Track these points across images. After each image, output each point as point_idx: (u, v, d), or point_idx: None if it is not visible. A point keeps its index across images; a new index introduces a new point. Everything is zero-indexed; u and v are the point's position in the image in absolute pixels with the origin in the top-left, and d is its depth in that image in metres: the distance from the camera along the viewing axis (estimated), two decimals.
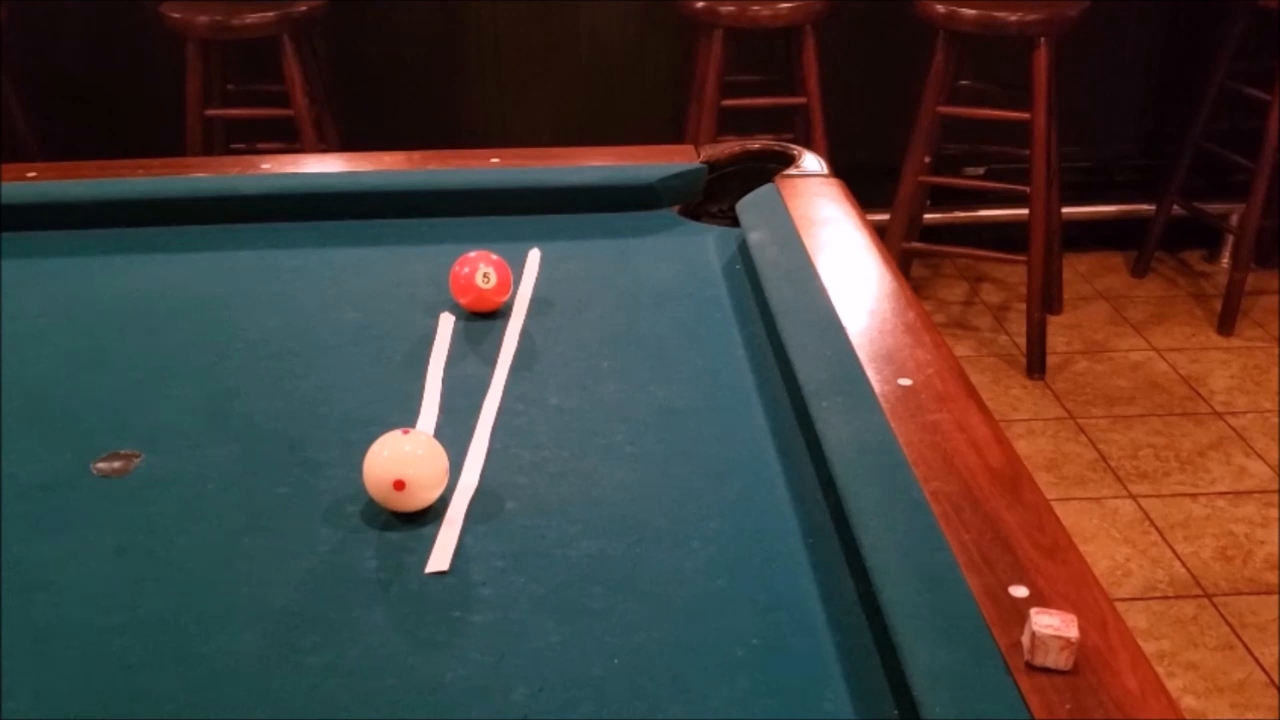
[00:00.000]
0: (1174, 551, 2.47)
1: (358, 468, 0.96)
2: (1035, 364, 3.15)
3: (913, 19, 3.06)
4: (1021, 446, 2.77)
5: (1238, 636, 2.23)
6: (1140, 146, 3.76)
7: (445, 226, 1.53)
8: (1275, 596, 2.33)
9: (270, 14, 2.97)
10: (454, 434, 1.07)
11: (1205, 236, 3.78)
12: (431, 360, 1.21)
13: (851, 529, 0.88)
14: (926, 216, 3.54)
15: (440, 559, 0.91)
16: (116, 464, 1.04)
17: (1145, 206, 3.67)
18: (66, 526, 0.96)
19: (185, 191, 1.57)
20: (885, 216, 3.19)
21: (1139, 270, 3.71)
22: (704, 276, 1.41)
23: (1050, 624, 0.74)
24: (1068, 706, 0.71)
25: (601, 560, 0.92)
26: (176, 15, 2.98)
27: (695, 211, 1.60)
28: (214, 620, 0.86)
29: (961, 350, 3.26)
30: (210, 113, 3.15)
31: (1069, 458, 2.80)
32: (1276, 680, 2.13)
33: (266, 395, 1.17)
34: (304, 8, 3.03)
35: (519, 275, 1.38)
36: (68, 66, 3.43)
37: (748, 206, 1.50)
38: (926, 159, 3.20)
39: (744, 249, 1.43)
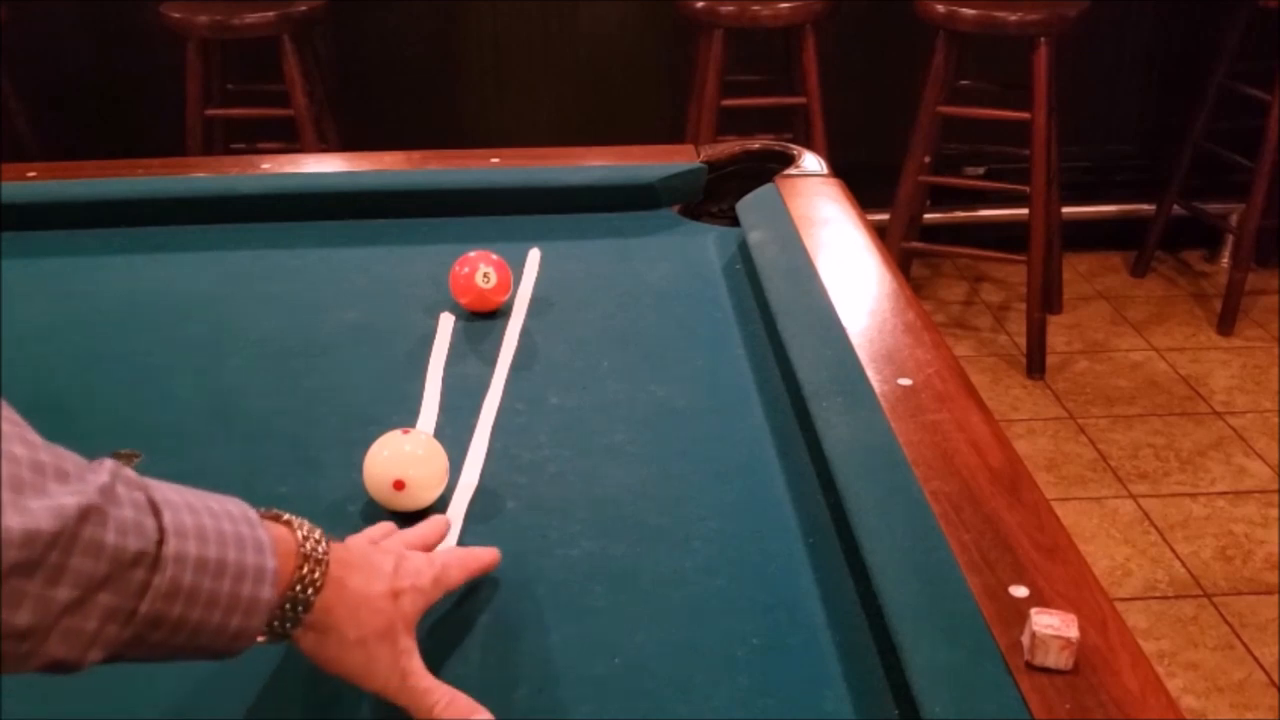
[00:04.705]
0: (1174, 551, 2.47)
1: (358, 468, 0.96)
2: (1035, 364, 3.15)
3: (913, 19, 3.06)
4: (1021, 446, 2.77)
5: (1238, 636, 2.23)
6: (1140, 146, 3.76)
7: (445, 226, 1.53)
8: (1275, 596, 2.33)
9: (270, 14, 2.97)
10: (454, 434, 1.07)
11: (1205, 236, 3.78)
12: (431, 360, 1.21)
13: (851, 528, 0.88)
14: (926, 216, 3.54)
15: None
16: None
17: (1145, 206, 3.67)
18: None
19: (185, 191, 1.57)
20: (885, 216, 3.19)
21: (1139, 270, 3.71)
22: (704, 276, 1.41)
23: (1050, 624, 0.74)
24: (1068, 706, 0.71)
25: (602, 560, 0.92)
26: (176, 15, 2.99)
27: (695, 211, 1.60)
28: None
29: (961, 350, 3.26)
30: (210, 113, 3.15)
31: (1069, 458, 2.80)
32: (1276, 680, 2.13)
33: (266, 395, 1.17)
34: (304, 8, 3.03)
35: (519, 275, 1.38)
36: (68, 66, 3.43)
37: (748, 206, 1.50)
38: (926, 159, 3.20)
39: (744, 249, 1.43)
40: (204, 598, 0.63)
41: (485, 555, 0.88)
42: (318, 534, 0.72)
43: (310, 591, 0.70)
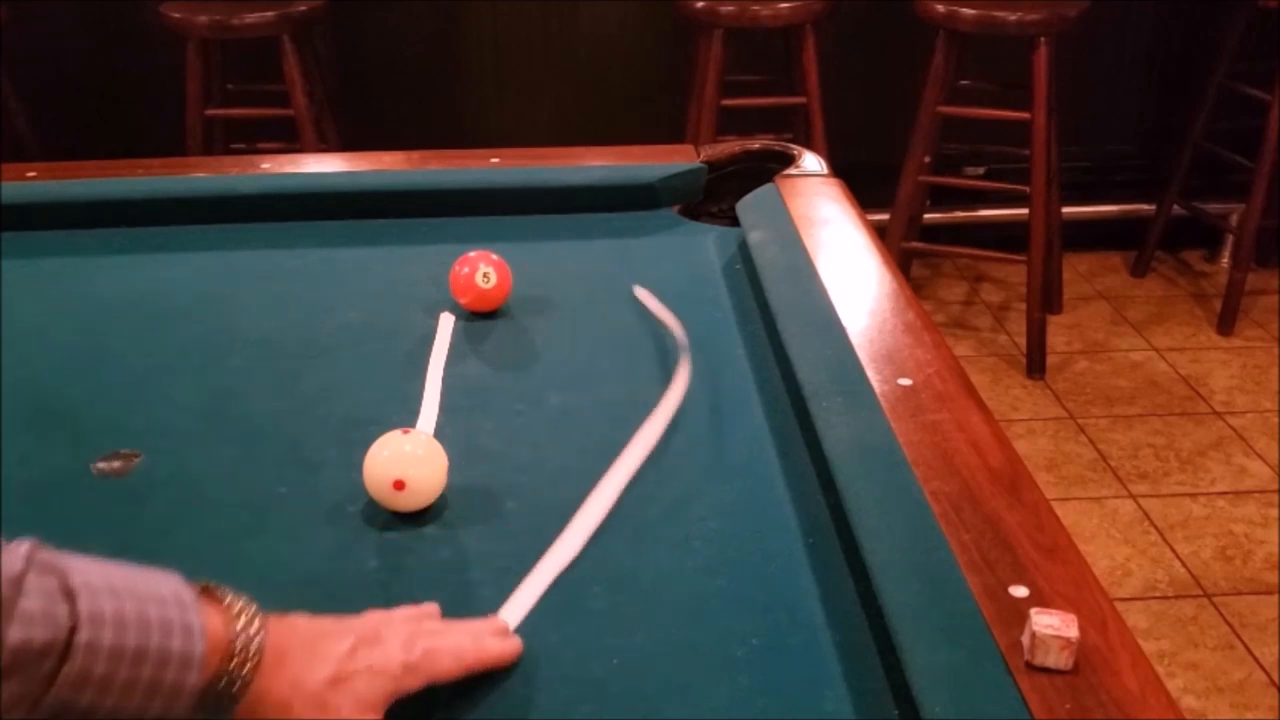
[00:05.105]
0: (1174, 551, 2.47)
1: (358, 468, 0.96)
2: (1035, 364, 3.15)
3: (913, 19, 3.06)
4: (1021, 446, 2.77)
5: (1238, 636, 2.23)
6: (1140, 146, 3.76)
7: (445, 226, 1.53)
8: (1275, 596, 2.33)
9: (270, 14, 2.97)
10: (454, 434, 1.07)
11: (1205, 236, 3.78)
12: (431, 360, 1.21)
13: (851, 528, 0.88)
14: (926, 216, 3.54)
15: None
16: (116, 464, 1.04)
17: (1145, 206, 3.67)
18: (66, 526, 0.96)
19: (185, 191, 1.57)
20: (885, 216, 3.19)
21: (1139, 270, 3.71)
22: (704, 276, 1.41)
23: (1050, 624, 0.74)
24: (1068, 706, 0.71)
25: (601, 560, 0.92)
26: (176, 15, 2.98)
27: (695, 211, 1.60)
28: None
29: (961, 350, 3.26)
30: (210, 112, 3.14)
31: (1069, 458, 2.80)
32: (1276, 680, 2.13)
33: (266, 395, 1.17)
34: (304, 8, 3.03)
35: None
36: (68, 66, 3.43)
37: (748, 206, 1.50)
38: (926, 159, 3.20)
39: (744, 249, 1.43)
40: (119, 685, 0.62)
41: (496, 650, 0.80)
42: (256, 623, 0.70)
43: (237, 687, 0.68)
